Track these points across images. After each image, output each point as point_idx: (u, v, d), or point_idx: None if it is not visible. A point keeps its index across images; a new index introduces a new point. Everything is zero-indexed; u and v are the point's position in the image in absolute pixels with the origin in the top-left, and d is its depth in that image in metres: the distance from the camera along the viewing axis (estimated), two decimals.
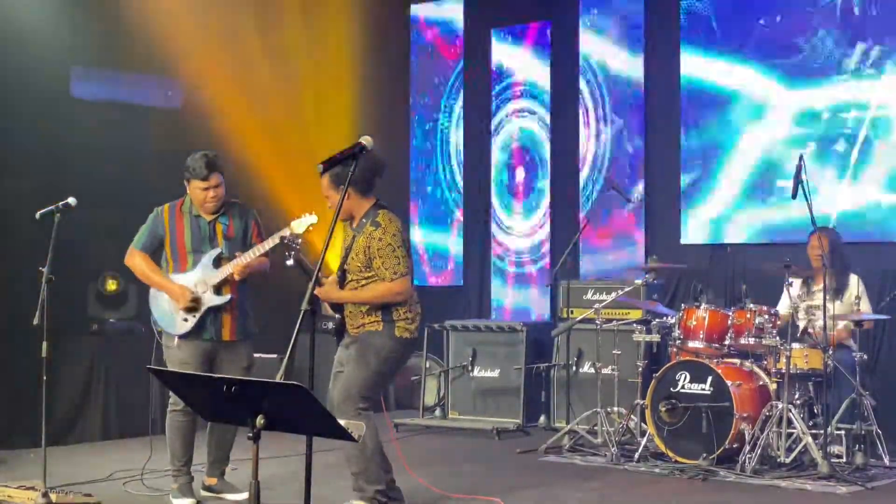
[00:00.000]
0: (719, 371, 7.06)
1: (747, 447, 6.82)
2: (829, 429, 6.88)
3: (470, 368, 9.18)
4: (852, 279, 7.56)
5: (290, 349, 3.92)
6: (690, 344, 7.38)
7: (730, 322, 7.29)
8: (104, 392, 8.42)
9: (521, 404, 8.90)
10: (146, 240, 6.23)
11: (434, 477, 6.54)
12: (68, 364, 8.04)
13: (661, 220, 9.56)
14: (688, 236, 9.32)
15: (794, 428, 6.81)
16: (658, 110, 9.60)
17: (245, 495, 5.95)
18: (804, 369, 7.04)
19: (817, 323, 7.13)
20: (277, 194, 9.60)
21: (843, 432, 7.00)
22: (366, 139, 4.47)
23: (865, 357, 7.14)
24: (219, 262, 6.14)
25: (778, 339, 7.08)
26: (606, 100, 9.81)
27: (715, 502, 6.29)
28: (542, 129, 10.25)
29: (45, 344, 5.78)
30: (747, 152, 9.03)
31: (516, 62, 10.38)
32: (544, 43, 10.22)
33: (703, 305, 7.39)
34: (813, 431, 6.83)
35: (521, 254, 10.36)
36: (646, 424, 7.32)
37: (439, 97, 10.91)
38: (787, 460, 6.79)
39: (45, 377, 5.81)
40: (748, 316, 7.25)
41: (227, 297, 6.13)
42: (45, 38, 8.38)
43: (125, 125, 8.83)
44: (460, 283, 10.74)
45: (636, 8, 9.64)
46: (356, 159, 4.55)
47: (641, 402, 7.41)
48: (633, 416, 7.60)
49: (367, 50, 10.74)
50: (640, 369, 7.73)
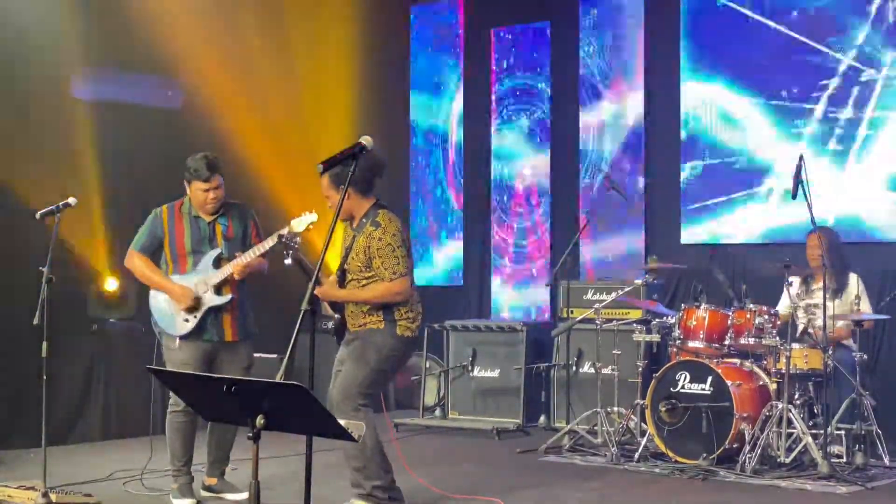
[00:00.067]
0: (719, 371, 7.06)
1: (747, 447, 6.82)
2: (829, 429, 6.88)
3: (470, 368, 9.18)
4: (852, 279, 7.56)
5: (290, 349, 3.92)
6: (690, 344, 7.38)
7: (730, 322, 7.29)
8: (104, 392, 8.43)
9: (521, 404, 8.90)
10: (145, 241, 6.21)
11: (434, 477, 6.54)
12: (68, 364, 8.04)
13: (661, 220, 9.57)
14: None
15: (794, 428, 6.81)
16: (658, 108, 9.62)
17: (245, 495, 5.95)
18: (804, 369, 7.04)
19: (816, 322, 7.13)
20: (277, 194, 9.59)
21: (843, 432, 7.00)
22: (366, 139, 4.47)
23: (865, 357, 7.14)
24: (219, 263, 6.14)
25: (778, 339, 7.08)
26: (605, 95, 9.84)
27: (715, 502, 6.28)
28: (542, 129, 10.25)
29: (45, 344, 5.78)
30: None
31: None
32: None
33: (703, 305, 7.39)
34: (813, 431, 6.83)
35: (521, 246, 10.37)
36: (646, 424, 7.32)
37: (439, 97, 10.91)
38: (787, 460, 6.79)
39: (45, 377, 5.81)
40: (748, 316, 7.25)
41: (227, 297, 6.13)
42: (45, 38, 8.38)
43: (125, 125, 8.83)
44: (460, 283, 10.75)
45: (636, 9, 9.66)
46: (356, 159, 4.55)
47: (641, 402, 7.41)
48: (633, 416, 7.60)
49: (367, 50, 10.74)
50: (640, 369, 7.73)
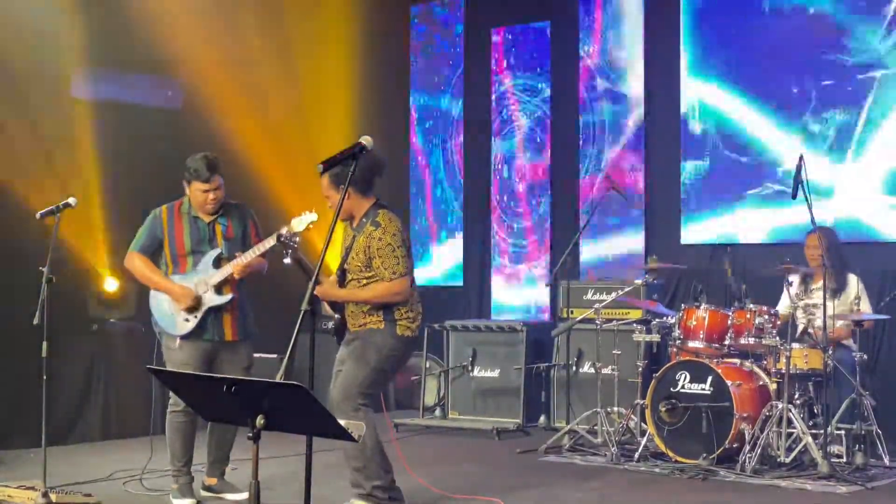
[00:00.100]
0: (719, 371, 7.06)
1: (747, 447, 6.82)
2: (829, 429, 6.88)
3: (470, 368, 9.18)
4: (851, 278, 7.56)
5: (290, 349, 3.92)
6: (690, 344, 7.38)
7: (730, 322, 7.29)
8: (104, 392, 8.43)
9: (521, 404, 8.90)
10: (145, 241, 6.20)
11: (434, 477, 6.54)
12: (68, 364, 8.04)
13: (661, 220, 9.56)
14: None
15: (794, 428, 6.81)
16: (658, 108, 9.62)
17: (245, 495, 5.95)
18: (804, 369, 7.04)
19: (816, 322, 7.13)
20: (277, 194, 9.59)
21: (843, 432, 7.00)
22: (366, 139, 4.47)
23: (865, 357, 7.14)
24: (219, 263, 6.13)
25: (778, 339, 7.08)
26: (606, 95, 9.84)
27: (715, 502, 6.28)
28: (542, 129, 10.25)
29: (45, 344, 5.77)
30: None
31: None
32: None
33: (703, 305, 7.39)
34: (813, 431, 6.83)
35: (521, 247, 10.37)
36: (646, 424, 7.32)
37: (439, 96, 10.91)
38: (787, 460, 6.79)
39: (45, 377, 5.81)
40: (748, 316, 7.25)
41: (228, 297, 6.13)
42: (45, 38, 8.37)
43: (125, 125, 8.83)
44: (460, 283, 10.75)
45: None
46: (356, 159, 4.55)
47: (641, 402, 7.41)
48: (633, 416, 7.60)
49: (367, 50, 10.74)
50: (640, 369, 7.73)
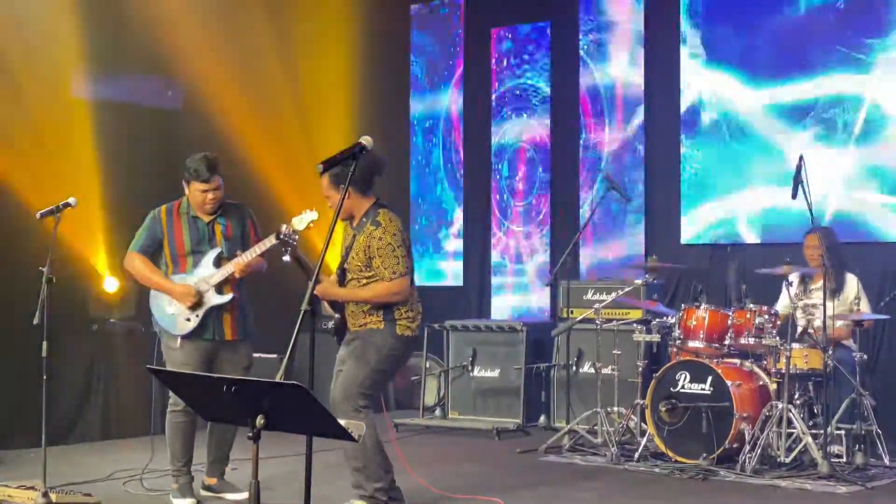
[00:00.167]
0: (719, 371, 7.06)
1: (747, 447, 6.82)
2: (829, 429, 6.87)
3: (470, 368, 9.18)
4: (850, 278, 7.56)
5: (290, 349, 3.92)
6: (690, 344, 7.38)
7: (730, 322, 7.29)
8: (104, 392, 8.43)
9: (521, 404, 8.90)
10: (145, 242, 6.19)
11: (434, 477, 6.54)
12: (68, 364, 8.04)
13: (661, 219, 9.56)
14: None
15: (794, 428, 6.81)
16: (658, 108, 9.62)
17: (245, 495, 5.95)
18: (804, 369, 7.04)
19: (816, 322, 7.13)
20: (277, 194, 9.59)
21: (842, 432, 7.00)
22: (366, 139, 4.48)
23: (865, 357, 7.14)
24: (219, 262, 6.13)
25: (778, 339, 7.08)
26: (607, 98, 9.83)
27: (715, 502, 6.29)
28: (542, 128, 10.25)
29: (45, 344, 5.78)
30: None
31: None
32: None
33: (703, 305, 7.39)
34: (813, 431, 6.83)
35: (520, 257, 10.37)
36: (646, 424, 7.32)
37: (439, 96, 10.90)
38: (787, 460, 6.79)
39: (45, 377, 5.81)
40: (748, 316, 7.25)
41: (229, 297, 6.13)
42: (45, 38, 8.37)
43: (125, 125, 8.83)
44: (460, 283, 10.74)
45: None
46: (356, 159, 4.55)
47: (641, 402, 7.40)
48: (633, 416, 7.60)
49: (367, 50, 10.73)
50: (640, 369, 7.72)
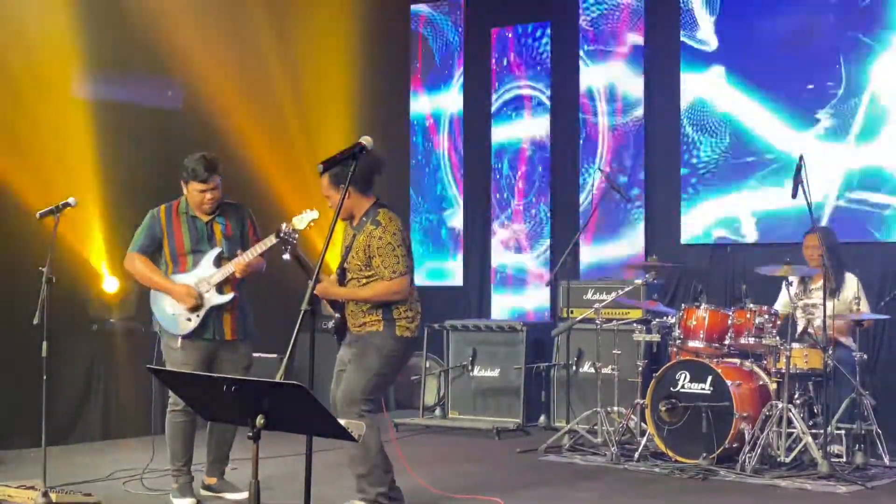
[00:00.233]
0: (719, 371, 7.06)
1: (747, 447, 6.83)
2: (829, 428, 6.88)
3: (470, 368, 9.18)
4: (849, 278, 7.56)
5: (290, 349, 3.92)
6: (690, 344, 7.38)
7: (730, 322, 7.29)
8: (104, 392, 8.43)
9: (521, 404, 8.90)
10: (145, 242, 6.18)
11: (434, 477, 6.54)
12: (68, 364, 8.04)
13: (661, 219, 9.56)
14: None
15: (794, 427, 6.81)
16: (658, 107, 9.62)
17: (245, 495, 5.95)
18: (804, 369, 7.05)
19: (815, 322, 7.13)
20: (278, 194, 9.59)
21: (842, 432, 7.00)
22: (366, 139, 4.47)
23: (865, 357, 7.14)
24: (219, 262, 6.13)
25: (778, 338, 7.09)
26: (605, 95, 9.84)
27: (715, 502, 6.29)
28: (542, 128, 10.25)
29: (45, 344, 5.78)
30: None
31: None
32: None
33: (703, 305, 7.39)
34: (813, 431, 6.83)
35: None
36: (646, 424, 7.32)
37: (439, 96, 10.90)
38: (787, 460, 6.79)
39: (45, 377, 5.81)
40: (748, 316, 7.25)
41: (230, 296, 6.12)
42: (45, 38, 8.37)
43: (125, 125, 8.83)
44: (460, 283, 10.74)
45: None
46: (356, 159, 4.55)
47: (641, 402, 7.41)
48: (633, 416, 7.60)
49: (367, 50, 10.73)
50: (640, 369, 7.73)
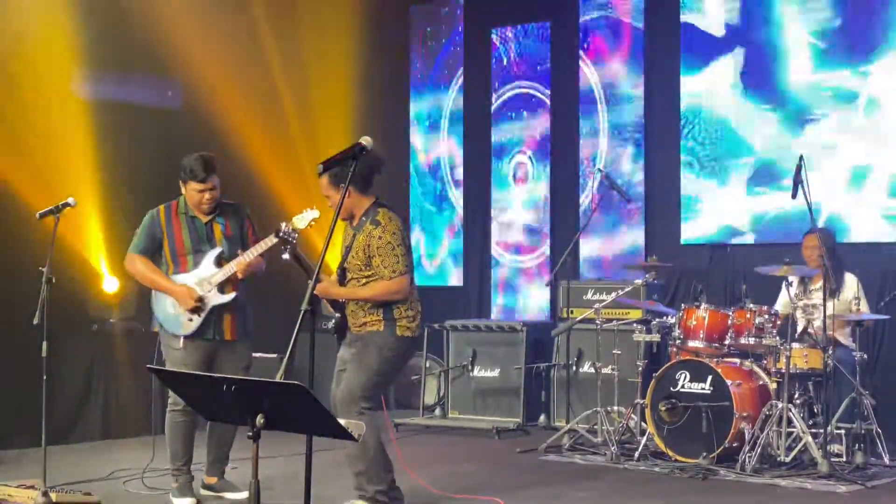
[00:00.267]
0: (719, 370, 7.06)
1: (747, 446, 6.83)
2: (829, 428, 6.88)
3: (470, 368, 9.18)
4: (849, 278, 7.56)
5: (290, 349, 3.92)
6: (690, 343, 7.38)
7: (730, 322, 7.29)
8: (104, 392, 8.43)
9: (521, 404, 8.90)
10: (145, 243, 6.18)
11: (434, 477, 6.54)
12: (68, 364, 8.04)
13: (661, 219, 9.56)
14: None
15: (794, 427, 6.81)
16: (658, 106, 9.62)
17: (245, 494, 5.95)
18: (804, 369, 7.05)
19: (815, 322, 7.13)
20: (277, 194, 9.60)
21: (842, 431, 7.00)
22: (365, 139, 4.48)
23: (865, 356, 7.15)
24: (220, 262, 6.13)
25: (778, 338, 7.09)
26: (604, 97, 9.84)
27: (715, 502, 6.29)
28: (542, 128, 10.25)
29: (45, 344, 5.78)
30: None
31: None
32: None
33: (703, 305, 7.39)
34: (813, 431, 6.83)
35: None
36: (646, 424, 7.32)
37: (439, 96, 10.91)
38: (787, 459, 6.80)
39: (45, 377, 5.81)
40: (748, 316, 7.25)
41: (231, 296, 6.11)
42: (45, 38, 8.37)
43: (125, 125, 8.83)
44: (460, 283, 10.75)
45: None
46: (356, 160, 4.55)
47: (641, 402, 7.41)
48: (633, 416, 7.60)
49: (367, 50, 10.74)
50: (640, 369, 7.72)
